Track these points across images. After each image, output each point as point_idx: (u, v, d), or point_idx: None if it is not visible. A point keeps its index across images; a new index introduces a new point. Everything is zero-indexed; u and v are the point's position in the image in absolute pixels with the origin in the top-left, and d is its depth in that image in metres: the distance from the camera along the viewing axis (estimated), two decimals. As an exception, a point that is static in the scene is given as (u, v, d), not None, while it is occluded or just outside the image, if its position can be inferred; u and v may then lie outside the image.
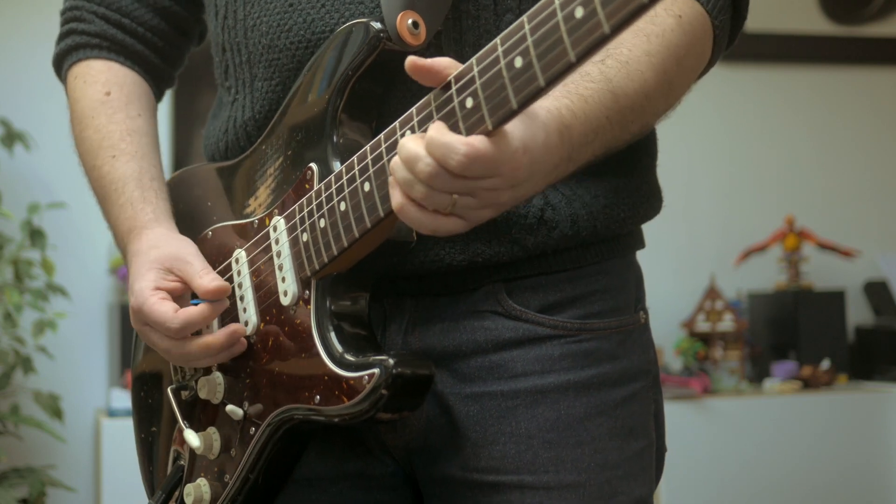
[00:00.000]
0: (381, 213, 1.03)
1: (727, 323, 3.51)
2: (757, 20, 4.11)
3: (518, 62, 0.92)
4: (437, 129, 0.95)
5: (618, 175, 1.19)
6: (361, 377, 1.06)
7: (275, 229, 1.16)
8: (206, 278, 1.17)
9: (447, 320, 1.18)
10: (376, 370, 1.05)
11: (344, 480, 1.22)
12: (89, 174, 1.32)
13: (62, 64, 1.38)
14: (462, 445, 1.17)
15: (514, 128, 0.96)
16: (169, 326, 1.15)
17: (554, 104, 1.03)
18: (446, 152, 0.94)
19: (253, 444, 1.17)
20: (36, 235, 3.04)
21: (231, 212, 1.25)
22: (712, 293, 3.53)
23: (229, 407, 1.18)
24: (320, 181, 1.12)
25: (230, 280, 1.21)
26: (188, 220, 1.30)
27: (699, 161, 3.77)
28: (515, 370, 1.17)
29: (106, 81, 1.33)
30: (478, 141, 0.94)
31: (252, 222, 1.21)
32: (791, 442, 3.28)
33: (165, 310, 1.16)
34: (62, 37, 1.38)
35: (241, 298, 1.19)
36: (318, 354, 1.10)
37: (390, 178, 1.00)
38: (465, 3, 1.15)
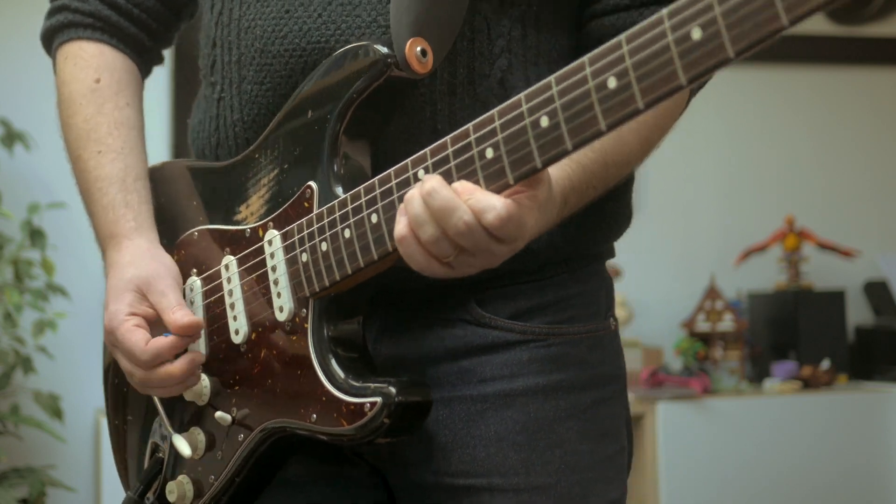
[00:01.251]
0: (390, 248, 1.04)
1: (727, 323, 3.51)
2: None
3: (544, 122, 0.93)
4: (474, 187, 0.97)
5: (602, 201, 1.21)
6: (363, 404, 1.07)
7: (270, 243, 1.16)
8: (178, 314, 1.17)
9: (417, 329, 1.19)
10: (378, 399, 1.06)
11: (322, 480, 1.23)
12: (74, 163, 1.31)
13: (52, 40, 1.36)
14: (433, 450, 1.18)
15: (540, 193, 0.99)
16: (138, 357, 1.17)
17: (561, 173, 1.06)
18: (485, 207, 0.95)
19: (241, 450, 1.18)
20: (36, 235, 3.04)
21: (219, 216, 1.25)
22: (712, 293, 3.54)
23: (218, 414, 1.19)
24: (321, 203, 1.11)
25: (219, 287, 1.21)
26: (170, 214, 1.30)
27: (699, 161, 3.77)
28: (484, 375, 1.18)
29: (98, 67, 1.32)
30: (514, 204, 0.96)
31: (244, 231, 1.20)
32: (791, 442, 3.29)
33: (137, 339, 1.17)
34: (53, 11, 1.35)
35: (232, 307, 1.20)
36: (315, 374, 1.11)
37: (399, 206, 1.00)
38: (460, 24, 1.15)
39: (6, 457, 2.99)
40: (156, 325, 1.19)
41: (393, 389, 1.06)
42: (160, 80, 3.26)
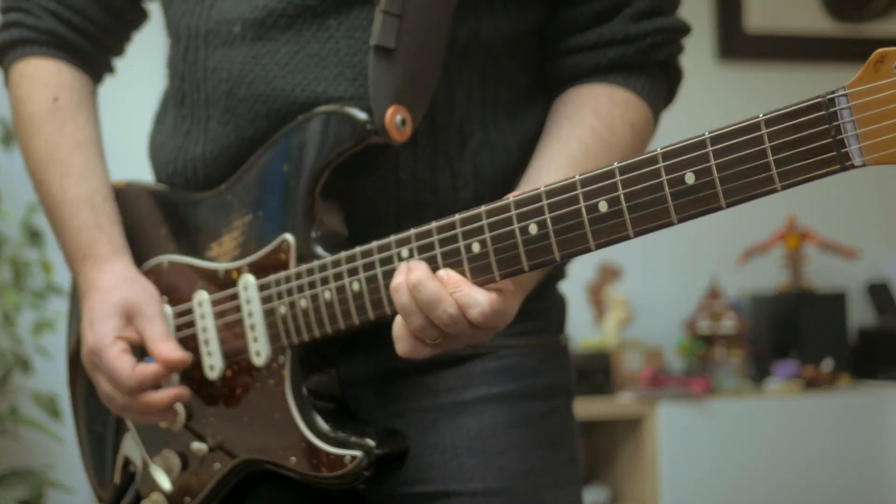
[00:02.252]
0: (371, 317, 1.07)
1: (729, 323, 3.50)
2: (758, 19, 4.11)
3: (533, 229, 0.96)
4: (460, 279, 1.00)
5: None
6: (343, 456, 1.10)
7: (245, 288, 1.17)
8: (165, 347, 1.18)
9: (370, 348, 1.21)
10: (359, 454, 1.10)
11: (295, 493, 1.23)
12: (37, 185, 1.32)
13: (4, 56, 1.35)
14: None
15: (517, 285, 1.04)
16: (123, 383, 1.17)
17: None
18: (470, 303, 0.99)
19: (216, 479, 1.20)
20: (35, 235, 3.03)
21: (188, 248, 1.26)
22: (714, 293, 3.53)
23: (195, 445, 1.21)
24: (300, 260, 1.13)
25: (192, 322, 1.22)
26: (136, 239, 1.30)
27: (701, 161, 3.76)
28: (437, 387, 1.21)
29: (55, 85, 1.32)
30: (498, 298, 1.00)
31: (216, 270, 1.21)
32: (793, 442, 3.28)
33: (123, 366, 1.17)
34: (7, 26, 1.35)
35: (206, 342, 1.21)
36: (293, 421, 1.14)
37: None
38: None
39: (5, 458, 2.98)
40: (137, 349, 1.21)
41: (372, 442, 1.10)
42: (156, 81, 3.24)
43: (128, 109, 2.59)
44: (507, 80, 1.21)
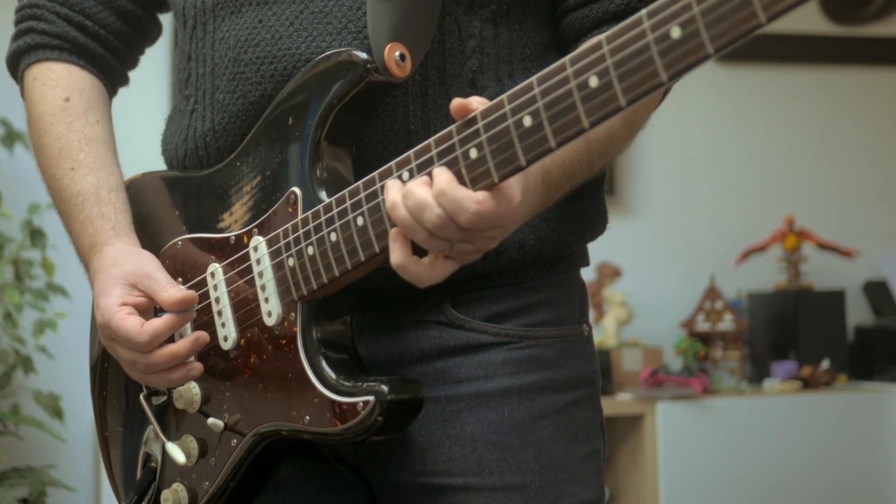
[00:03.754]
0: (377, 249, 1.06)
1: (727, 323, 3.51)
2: (757, 20, 4.11)
3: (527, 121, 0.94)
4: (447, 182, 0.99)
5: (567, 201, 1.22)
6: (356, 403, 1.09)
7: (255, 250, 1.17)
8: (171, 291, 1.18)
9: (392, 330, 1.21)
10: (371, 398, 1.08)
11: (310, 481, 1.24)
12: (48, 182, 1.32)
13: (18, 63, 1.37)
14: (409, 450, 1.20)
15: (515, 181, 1.00)
16: (137, 341, 1.17)
17: None
18: (456, 208, 0.98)
19: (234, 455, 1.19)
20: (36, 235, 3.04)
21: (201, 224, 1.26)
22: (712, 293, 3.54)
23: (210, 420, 1.20)
24: (306, 209, 1.13)
25: (206, 295, 1.22)
26: (152, 226, 1.31)
27: (699, 161, 3.77)
28: (459, 376, 1.20)
29: (66, 86, 1.33)
30: (486, 199, 0.98)
31: (228, 238, 1.21)
32: (791, 442, 3.29)
33: (132, 324, 1.17)
34: (20, 34, 1.36)
35: (219, 314, 1.21)
36: (307, 377, 1.12)
37: (391, 234, 1.03)
38: None
39: (6, 456, 2.99)
40: (147, 314, 1.20)
41: (385, 388, 1.08)
42: (160, 86, 3.25)
43: (138, 121, 2.60)
44: (520, 37, 1.22)
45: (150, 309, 1.20)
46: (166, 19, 1.43)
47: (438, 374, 1.20)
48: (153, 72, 2.37)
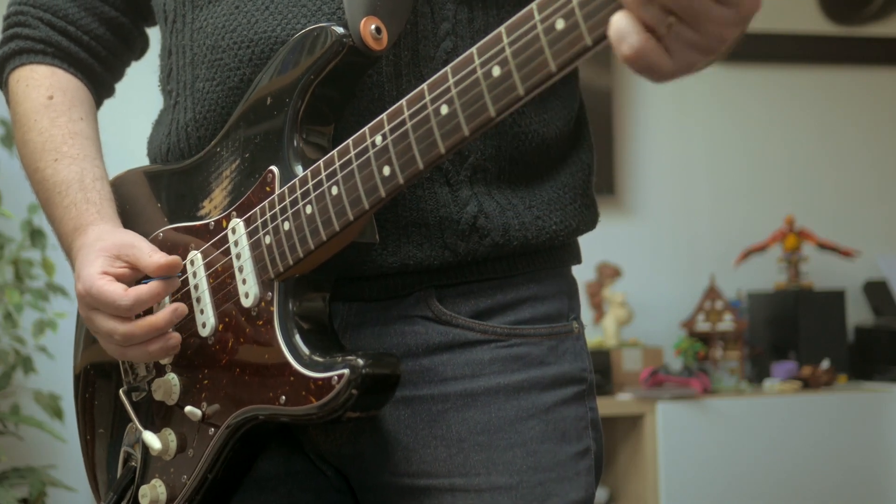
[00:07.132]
0: (351, 217, 1.05)
1: (727, 323, 3.51)
2: (756, 20, 4.10)
3: (496, 71, 0.94)
4: None
5: (553, 188, 1.21)
6: (330, 378, 1.07)
7: (233, 231, 1.16)
8: (155, 256, 1.17)
9: (378, 324, 1.19)
10: (346, 370, 1.06)
11: (293, 480, 1.23)
12: (31, 177, 1.32)
13: (4, 67, 1.38)
14: (393, 450, 1.18)
15: None
16: (119, 304, 1.15)
17: None
18: None
19: (212, 445, 1.18)
20: (36, 235, 3.04)
21: (183, 214, 1.25)
22: (712, 293, 3.54)
23: (188, 408, 1.18)
24: (283, 185, 1.12)
25: (185, 282, 1.21)
26: (135, 220, 1.30)
27: (699, 161, 3.77)
28: (445, 374, 1.18)
29: (49, 86, 1.33)
30: None
31: (207, 224, 1.21)
32: (791, 442, 3.29)
33: (114, 288, 1.16)
34: (5, 41, 1.38)
35: (198, 300, 1.20)
36: (282, 355, 1.11)
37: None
38: None
39: (6, 456, 2.99)
40: (130, 286, 1.19)
41: (360, 361, 1.06)
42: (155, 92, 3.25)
43: (132, 129, 2.60)
44: (497, 21, 1.21)
45: (133, 281, 1.19)
46: (154, 34, 1.44)
47: (424, 372, 1.18)
48: (151, 75, 2.39)
